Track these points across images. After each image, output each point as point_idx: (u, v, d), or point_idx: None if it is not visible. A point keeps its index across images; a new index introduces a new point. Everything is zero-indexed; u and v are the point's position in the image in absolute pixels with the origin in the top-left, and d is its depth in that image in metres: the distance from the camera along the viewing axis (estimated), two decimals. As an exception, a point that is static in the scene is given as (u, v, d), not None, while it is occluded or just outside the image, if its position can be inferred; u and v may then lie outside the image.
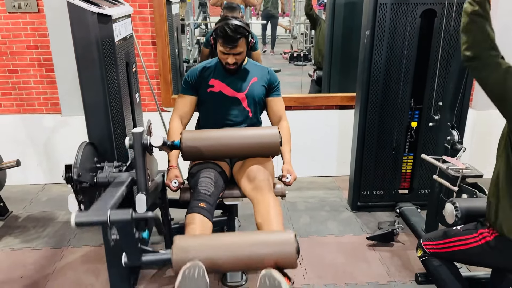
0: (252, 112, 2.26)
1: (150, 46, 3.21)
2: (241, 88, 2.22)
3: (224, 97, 2.20)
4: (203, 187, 1.97)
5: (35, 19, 3.07)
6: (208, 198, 1.95)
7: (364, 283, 2.30)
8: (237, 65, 2.16)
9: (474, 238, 1.71)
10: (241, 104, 2.23)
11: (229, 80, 2.22)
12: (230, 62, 2.12)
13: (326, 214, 3.02)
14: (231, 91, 2.21)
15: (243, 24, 2.08)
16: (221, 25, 2.05)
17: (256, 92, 2.24)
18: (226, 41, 2.05)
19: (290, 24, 7.02)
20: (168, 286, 2.25)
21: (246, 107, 2.24)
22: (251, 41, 2.15)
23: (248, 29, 2.10)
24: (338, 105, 3.44)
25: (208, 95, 2.21)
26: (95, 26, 1.79)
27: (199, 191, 1.97)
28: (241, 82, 2.23)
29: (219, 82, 2.21)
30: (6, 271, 2.39)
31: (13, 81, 3.23)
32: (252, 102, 2.24)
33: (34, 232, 2.79)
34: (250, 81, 2.24)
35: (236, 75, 2.22)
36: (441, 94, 2.74)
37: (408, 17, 2.63)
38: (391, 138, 2.89)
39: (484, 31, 1.52)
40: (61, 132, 3.33)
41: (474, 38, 1.54)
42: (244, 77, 2.24)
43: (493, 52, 1.52)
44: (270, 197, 1.97)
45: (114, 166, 1.89)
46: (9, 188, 3.06)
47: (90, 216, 1.45)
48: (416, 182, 3.01)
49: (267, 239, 1.70)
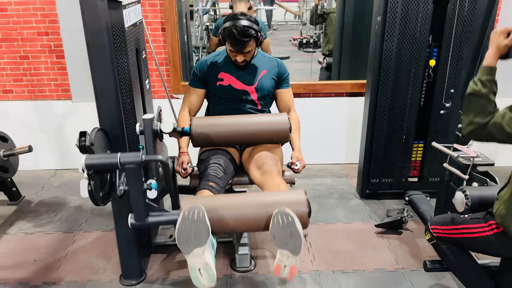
0: (262, 105, 2.27)
1: (159, 32, 3.21)
2: (251, 82, 2.21)
3: (233, 91, 2.20)
4: (213, 170, 1.99)
5: (45, 5, 3.08)
6: (218, 180, 1.96)
7: (372, 270, 2.31)
8: (247, 62, 2.16)
9: (482, 228, 1.70)
10: (251, 97, 2.23)
11: (238, 73, 2.21)
12: (239, 60, 2.12)
13: (334, 202, 3.02)
14: (240, 84, 2.20)
15: (251, 24, 2.03)
16: (229, 26, 2.02)
17: (265, 85, 2.23)
18: (234, 43, 2.04)
19: (299, 10, 6.94)
20: (178, 270, 2.29)
21: (255, 100, 2.24)
22: (261, 37, 2.12)
23: (256, 28, 2.06)
24: (348, 92, 3.42)
25: (217, 88, 2.21)
26: (106, 12, 1.78)
27: (209, 173, 1.98)
28: (251, 76, 2.22)
29: (229, 75, 2.20)
30: (20, 255, 2.45)
31: (24, 67, 3.25)
32: (262, 95, 2.24)
33: (47, 217, 2.83)
34: (259, 74, 2.23)
35: (246, 69, 2.22)
36: (453, 81, 2.71)
37: (420, 3, 2.59)
38: (401, 126, 2.87)
39: (483, 109, 1.55)
40: (71, 118, 3.35)
41: (470, 126, 1.58)
42: (253, 70, 2.23)
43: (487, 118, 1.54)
44: (279, 181, 1.96)
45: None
46: (21, 174, 3.11)
47: (100, 158, 1.43)
48: (425, 170, 2.99)
49: (278, 198, 1.65)
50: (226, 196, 1.79)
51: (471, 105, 1.58)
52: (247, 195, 1.76)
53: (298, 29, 6.43)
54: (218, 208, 1.59)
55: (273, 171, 1.99)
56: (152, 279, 2.24)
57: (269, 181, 1.96)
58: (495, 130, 1.52)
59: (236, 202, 1.64)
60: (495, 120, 1.52)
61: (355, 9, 3.81)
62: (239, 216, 1.60)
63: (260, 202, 1.63)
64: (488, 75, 1.57)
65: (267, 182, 1.96)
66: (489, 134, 1.54)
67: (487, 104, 1.55)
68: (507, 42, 1.56)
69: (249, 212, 1.60)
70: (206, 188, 1.90)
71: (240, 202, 1.65)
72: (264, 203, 1.61)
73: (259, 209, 1.60)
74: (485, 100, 1.55)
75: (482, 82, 1.56)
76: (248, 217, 1.60)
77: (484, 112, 1.54)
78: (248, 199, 1.67)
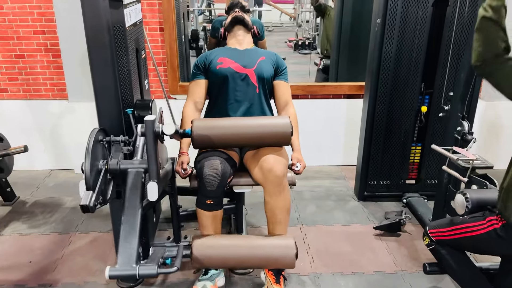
0: (260, 89, 2.26)
1: (157, 32, 3.19)
2: (249, 64, 2.24)
3: (233, 73, 2.21)
4: (207, 182, 1.99)
5: (42, 4, 3.04)
6: (213, 193, 2.01)
7: (371, 272, 2.31)
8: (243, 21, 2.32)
9: (481, 225, 1.70)
10: (250, 80, 2.23)
11: (237, 57, 2.24)
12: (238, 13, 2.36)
13: (332, 204, 3.02)
14: (239, 67, 2.22)
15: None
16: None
17: (264, 69, 2.25)
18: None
19: (295, 12, 6.95)
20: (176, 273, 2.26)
21: (254, 83, 2.24)
22: (254, 27, 2.37)
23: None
24: (346, 94, 3.42)
25: (217, 71, 2.22)
26: (107, 11, 1.77)
27: (205, 187, 2.00)
28: (250, 59, 2.26)
29: (228, 59, 2.24)
30: (15, 256, 2.41)
31: (19, 66, 3.21)
32: (260, 79, 2.25)
33: (42, 218, 2.80)
34: (258, 59, 2.27)
35: (245, 53, 2.27)
36: (452, 84, 2.72)
37: (420, 6, 2.60)
38: (399, 128, 2.88)
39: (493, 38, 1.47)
40: (67, 118, 3.32)
41: (482, 45, 1.49)
42: (252, 55, 2.28)
43: (500, 58, 1.47)
44: (283, 193, 2.05)
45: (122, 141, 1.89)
46: (16, 174, 3.06)
47: (121, 271, 1.58)
48: (423, 172, 3.00)
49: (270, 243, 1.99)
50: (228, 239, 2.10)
51: (481, 35, 1.49)
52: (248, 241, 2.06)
53: (294, 31, 6.44)
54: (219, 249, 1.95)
55: (279, 183, 2.02)
56: (150, 281, 2.21)
57: (271, 190, 2.03)
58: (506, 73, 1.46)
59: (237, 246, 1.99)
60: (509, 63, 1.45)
61: (353, 10, 3.82)
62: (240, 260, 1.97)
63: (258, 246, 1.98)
64: (498, 0, 1.46)
65: (269, 191, 2.04)
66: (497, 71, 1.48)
67: (499, 31, 1.47)
68: None
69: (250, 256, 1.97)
70: (206, 209, 2.07)
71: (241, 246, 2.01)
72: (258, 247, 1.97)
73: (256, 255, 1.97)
74: (497, 27, 1.46)
75: (492, 7, 1.46)
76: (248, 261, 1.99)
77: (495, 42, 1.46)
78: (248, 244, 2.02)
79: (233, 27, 2.33)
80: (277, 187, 2.02)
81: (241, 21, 2.30)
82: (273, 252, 1.95)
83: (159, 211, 2.76)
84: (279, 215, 2.08)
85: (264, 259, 1.95)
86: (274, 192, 2.03)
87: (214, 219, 2.08)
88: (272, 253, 1.95)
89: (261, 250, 1.96)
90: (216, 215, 2.08)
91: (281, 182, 2.02)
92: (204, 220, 2.08)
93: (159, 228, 2.65)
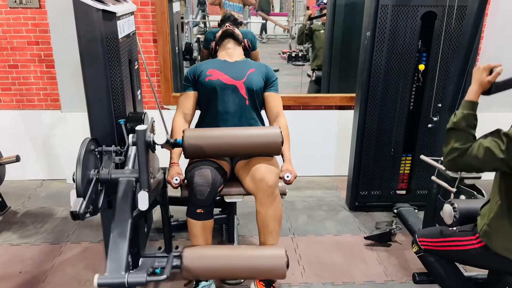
0: (250, 101, 2.28)
1: (151, 43, 3.22)
2: (239, 76, 2.25)
3: (222, 85, 2.23)
4: (198, 191, 2.01)
5: (36, 15, 3.07)
6: (204, 201, 2.02)
7: (362, 282, 2.32)
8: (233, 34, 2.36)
9: (470, 241, 1.72)
10: (239, 92, 2.25)
11: (227, 69, 2.26)
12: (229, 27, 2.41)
13: (324, 214, 3.04)
14: (229, 79, 2.24)
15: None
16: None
17: (254, 81, 2.27)
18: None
19: (288, 24, 7.03)
20: (166, 283, 2.26)
21: (244, 95, 2.26)
22: (245, 40, 2.42)
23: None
24: (337, 105, 3.46)
25: (206, 83, 2.24)
26: (100, 23, 1.79)
27: (195, 196, 2.02)
28: (239, 71, 2.28)
29: (217, 71, 2.26)
30: (5, 266, 2.40)
31: (13, 76, 3.22)
32: (250, 91, 2.26)
33: (33, 228, 2.79)
34: (248, 70, 2.29)
35: (234, 66, 2.29)
36: (440, 96, 2.77)
37: (408, 19, 2.66)
38: (389, 139, 2.92)
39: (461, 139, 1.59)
40: (60, 128, 3.32)
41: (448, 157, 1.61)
42: (242, 67, 2.30)
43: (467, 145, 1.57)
44: (274, 202, 2.07)
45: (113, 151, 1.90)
46: (7, 184, 3.05)
47: (110, 279, 1.55)
48: (413, 183, 3.03)
49: (261, 254, 1.94)
50: (219, 249, 2.02)
51: (451, 137, 1.61)
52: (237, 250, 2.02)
53: (287, 43, 6.51)
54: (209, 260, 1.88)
55: (270, 193, 2.05)
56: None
57: (263, 200, 2.06)
58: (471, 159, 1.56)
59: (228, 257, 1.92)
60: (470, 151, 1.56)
61: (344, 24, 3.88)
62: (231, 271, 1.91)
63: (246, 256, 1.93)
64: (470, 110, 1.59)
65: (261, 201, 2.06)
66: (467, 164, 1.58)
67: (467, 135, 1.58)
68: (489, 79, 1.57)
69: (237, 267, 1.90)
70: (196, 219, 2.07)
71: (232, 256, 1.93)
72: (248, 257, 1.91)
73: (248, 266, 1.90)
74: (465, 134, 1.58)
75: (463, 115, 1.59)
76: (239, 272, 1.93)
77: (463, 140, 1.58)
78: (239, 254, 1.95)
79: (223, 40, 2.37)
80: (269, 197, 2.04)
81: (230, 34, 2.35)
82: (264, 263, 1.93)
83: (151, 221, 2.76)
84: (270, 225, 2.09)
85: (254, 269, 1.93)
86: (265, 202, 2.04)
87: (204, 229, 2.09)
88: (262, 263, 1.92)
89: (251, 261, 1.94)
90: (206, 224, 2.08)
91: (273, 191, 2.04)
92: (195, 230, 2.09)
93: (150, 238, 2.65)
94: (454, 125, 1.61)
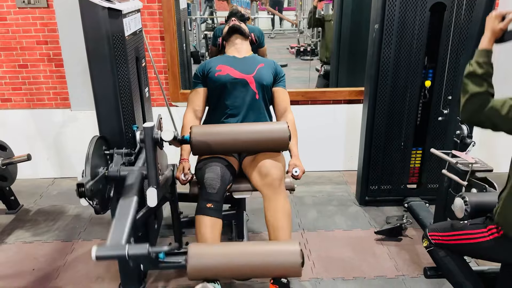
0: (260, 95, 2.28)
1: (158, 41, 3.22)
2: (248, 71, 2.26)
3: (231, 80, 2.23)
4: (209, 185, 2.00)
5: (44, 14, 3.09)
6: (215, 196, 2.00)
7: (372, 277, 2.31)
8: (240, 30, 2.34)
9: (482, 233, 1.70)
10: (249, 86, 2.25)
11: (236, 64, 2.27)
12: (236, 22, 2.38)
13: (333, 209, 3.02)
14: (238, 73, 2.24)
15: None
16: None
17: (263, 76, 2.27)
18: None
19: (296, 19, 6.99)
20: (177, 279, 2.27)
21: (254, 89, 2.26)
22: (252, 34, 2.40)
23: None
24: (346, 100, 3.43)
25: (216, 79, 2.25)
26: (106, 21, 1.80)
27: (206, 190, 2.01)
28: (249, 66, 2.28)
29: (226, 66, 2.26)
30: (18, 264, 2.43)
31: (23, 76, 3.25)
32: (260, 85, 2.27)
33: (45, 226, 2.82)
34: (257, 66, 2.29)
35: (243, 61, 2.29)
36: (450, 88, 2.73)
37: (417, 11, 2.62)
38: (399, 133, 2.88)
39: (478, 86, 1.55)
40: (70, 127, 3.35)
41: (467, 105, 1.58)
42: (251, 62, 2.31)
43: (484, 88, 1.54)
44: (281, 197, 2.04)
45: (124, 153, 1.90)
46: (19, 182, 3.09)
47: (109, 250, 1.47)
48: (424, 176, 3.00)
49: (274, 250, 1.76)
50: (228, 246, 1.89)
51: (468, 84, 1.58)
52: (247, 246, 1.88)
53: (296, 38, 6.48)
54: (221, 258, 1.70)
55: (276, 186, 2.04)
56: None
57: (271, 196, 2.04)
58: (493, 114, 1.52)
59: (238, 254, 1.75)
60: (493, 104, 1.52)
61: (352, 17, 3.85)
62: (241, 269, 1.72)
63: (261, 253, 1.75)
64: (484, 57, 1.57)
65: (269, 196, 2.05)
66: (487, 117, 1.54)
67: (485, 82, 1.55)
68: (501, 26, 1.57)
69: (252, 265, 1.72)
70: (205, 214, 2.00)
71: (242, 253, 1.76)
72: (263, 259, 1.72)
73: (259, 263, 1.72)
74: (482, 80, 1.55)
75: (478, 63, 1.57)
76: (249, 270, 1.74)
77: (483, 86, 1.55)
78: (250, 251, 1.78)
79: (230, 36, 2.36)
80: (274, 191, 2.03)
81: (237, 30, 2.34)
82: (276, 260, 1.72)
83: (161, 217, 2.78)
84: (279, 220, 2.05)
85: (266, 266, 1.72)
86: (271, 197, 2.03)
87: (213, 228, 2.00)
88: (275, 260, 1.72)
89: (263, 257, 1.73)
90: (215, 223, 2.01)
91: (278, 186, 2.03)
92: (203, 228, 2.01)
93: (161, 235, 2.67)
94: (471, 72, 1.58)
